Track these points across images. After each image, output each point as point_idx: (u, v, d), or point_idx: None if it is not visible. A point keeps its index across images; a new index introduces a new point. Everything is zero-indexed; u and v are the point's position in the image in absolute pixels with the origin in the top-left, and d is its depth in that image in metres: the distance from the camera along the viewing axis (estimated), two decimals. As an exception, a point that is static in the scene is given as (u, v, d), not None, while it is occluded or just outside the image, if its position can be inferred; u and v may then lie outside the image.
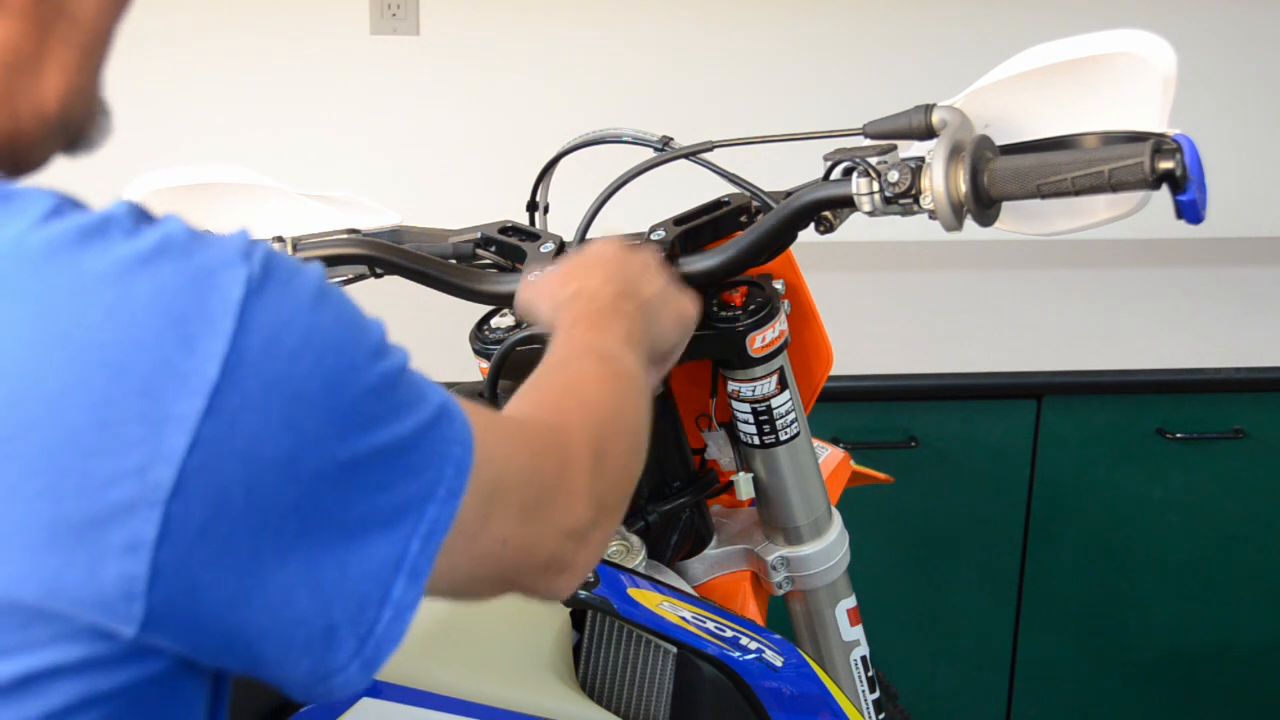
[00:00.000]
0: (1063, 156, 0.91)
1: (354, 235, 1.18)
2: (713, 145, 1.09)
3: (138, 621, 0.54)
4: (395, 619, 0.60)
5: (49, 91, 0.62)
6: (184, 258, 0.55)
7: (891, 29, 2.37)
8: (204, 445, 0.53)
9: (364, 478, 0.58)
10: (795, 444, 1.14)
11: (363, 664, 0.60)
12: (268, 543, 0.56)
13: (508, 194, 1.39)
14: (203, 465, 0.54)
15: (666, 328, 0.95)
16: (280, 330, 0.56)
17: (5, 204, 0.55)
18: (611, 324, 0.88)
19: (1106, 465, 1.95)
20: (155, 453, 0.53)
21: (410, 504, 0.60)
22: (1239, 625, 2.05)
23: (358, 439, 0.58)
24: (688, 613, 1.05)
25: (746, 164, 1.12)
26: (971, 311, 2.15)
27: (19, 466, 0.53)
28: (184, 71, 2.25)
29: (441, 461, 0.61)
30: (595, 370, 0.82)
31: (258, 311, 0.55)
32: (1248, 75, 2.45)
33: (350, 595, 0.59)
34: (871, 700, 1.24)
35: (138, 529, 0.53)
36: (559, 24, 2.32)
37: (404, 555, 0.60)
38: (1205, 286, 2.28)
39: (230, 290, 0.55)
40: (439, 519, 0.61)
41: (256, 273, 0.56)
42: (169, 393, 0.53)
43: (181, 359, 0.53)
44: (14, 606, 0.54)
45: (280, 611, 0.57)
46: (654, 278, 0.97)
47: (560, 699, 0.99)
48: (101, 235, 0.55)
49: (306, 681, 0.60)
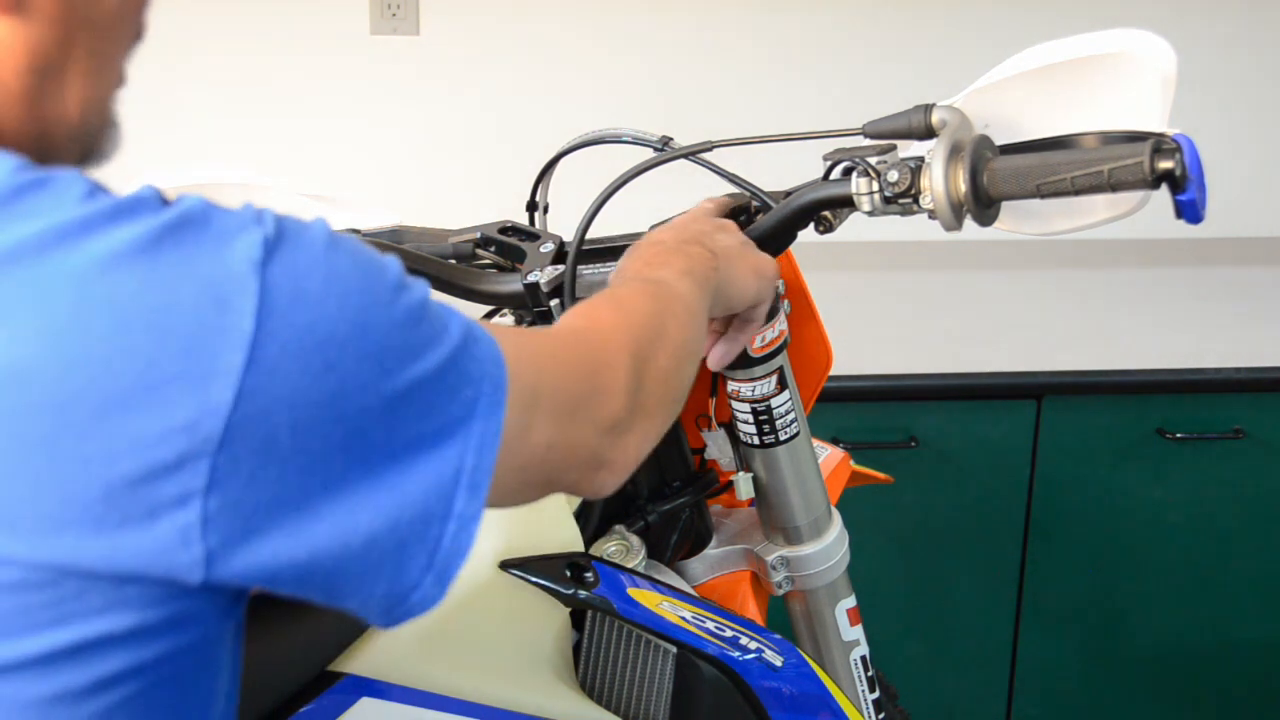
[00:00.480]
0: (1062, 156, 0.91)
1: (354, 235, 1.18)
2: (713, 145, 1.09)
3: (201, 566, 0.57)
4: (460, 530, 0.63)
5: (72, 99, 0.65)
6: (204, 226, 0.58)
7: (891, 29, 2.37)
8: (248, 397, 0.56)
9: (406, 407, 0.61)
10: (795, 444, 1.14)
11: (436, 577, 0.63)
12: (317, 479, 0.59)
13: (507, 194, 1.39)
14: (248, 416, 0.56)
15: (740, 274, 0.97)
16: (302, 280, 0.59)
17: (44, 188, 0.58)
18: (671, 260, 0.91)
19: (1106, 465, 1.95)
20: (203, 408, 0.56)
21: (455, 424, 0.63)
22: (1239, 625, 2.05)
23: (395, 372, 0.61)
24: (688, 613, 1.05)
25: (746, 164, 1.12)
26: (971, 311, 2.15)
27: (73, 436, 0.55)
28: (184, 72, 2.25)
29: (478, 380, 0.65)
30: (642, 290, 0.85)
31: (278, 266, 0.58)
32: (1248, 75, 2.45)
33: (415, 514, 0.62)
34: (871, 700, 1.24)
35: (188, 481, 0.56)
36: (559, 24, 2.32)
37: (459, 470, 0.63)
38: (1205, 286, 2.28)
39: (250, 250, 0.58)
40: (486, 433, 0.64)
41: (271, 232, 0.59)
42: (210, 350, 0.56)
43: (217, 317, 0.56)
44: (74, 573, 0.56)
45: (347, 539, 0.60)
46: (728, 234, 0.99)
47: (560, 699, 0.99)
48: (132, 213, 0.58)
49: (386, 603, 0.64)
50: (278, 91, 2.30)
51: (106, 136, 0.68)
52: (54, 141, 0.65)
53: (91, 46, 0.65)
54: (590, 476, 0.76)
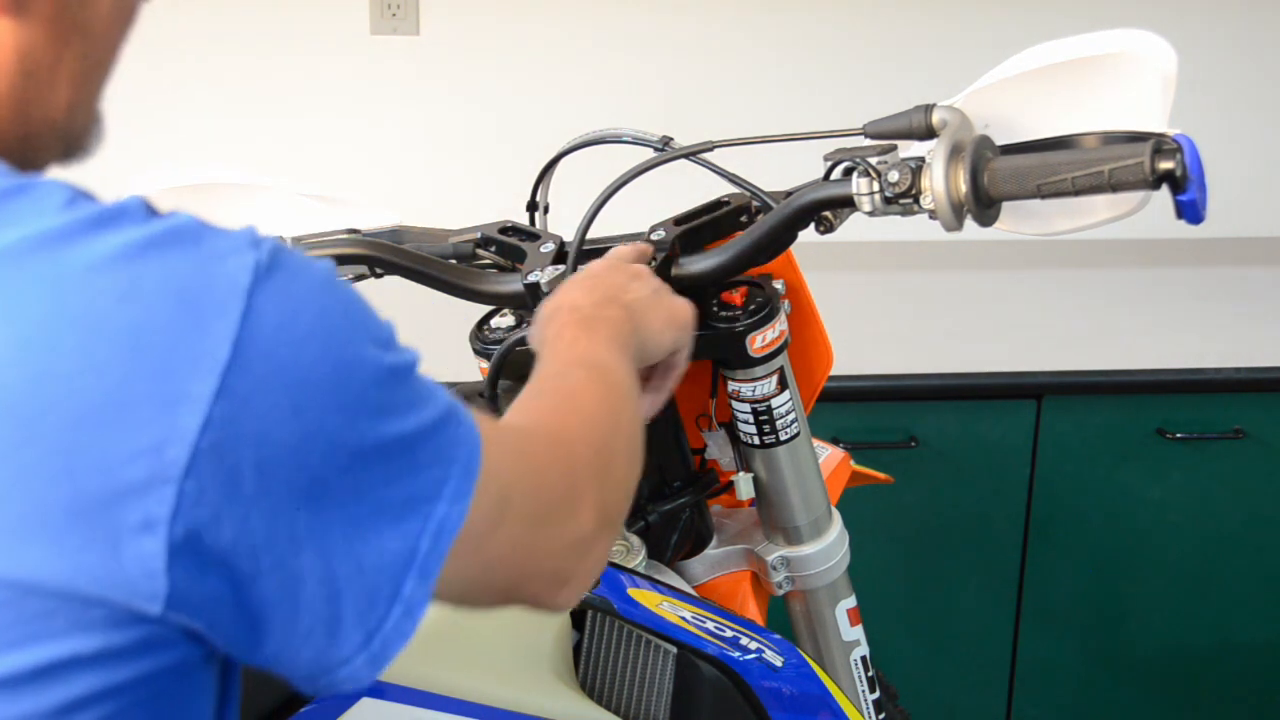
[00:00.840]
0: (1063, 156, 0.91)
1: (354, 235, 1.18)
2: (713, 145, 1.09)
3: (161, 599, 0.55)
4: (405, 616, 0.61)
5: (59, 101, 0.64)
6: (193, 244, 0.56)
7: (891, 29, 2.37)
8: (216, 425, 0.54)
9: (372, 467, 0.59)
10: (795, 444, 1.14)
11: (369, 659, 0.61)
12: (282, 527, 0.57)
13: (508, 194, 1.39)
14: (214, 445, 0.54)
15: (657, 328, 0.95)
16: (289, 317, 0.57)
17: (25, 194, 0.57)
18: (596, 329, 0.89)
19: (1106, 465, 1.95)
20: (170, 431, 0.54)
21: (418, 500, 0.61)
22: (1239, 625, 2.05)
23: (365, 428, 0.58)
24: (688, 613, 1.05)
25: (746, 164, 1.12)
26: (971, 311, 2.15)
27: (38, 448, 0.53)
28: (184, 71, 2.25)
29: (449, 462, 0.62)
30: (589, 381, 0.82)
31: (266, 297, 0.56)
32: (1248, 75, 2.45)
33: (361, 587, 0.59)
34: (871, 700, 1.24)
35: (153, 507, 0.54)
36: (559, 24, 2.32)
37: (414, 552, 0.60)
38: (1205, 286, 2.28)
39: (239, 275, 0.56)
40: (447, 519, 0.61)
41: (264, 260, 0.57)
42: (182, 372, 0.54)
43: (193, 340, 0.54)
44: (37, 591, 0.54)
45: (291, 594, 0.58)
46: (641, 283, 0.97)
47: (560, 699, 0.99)
48: (115, 223, 0.56)
49: (310, 671, 0.61)
50: (278, 91, 2.30)
51: (91, 135, 0.68)
52: (38, 140, 0.64)
53: (83, 51, 0.64)
54: (554, 592, 0.72)
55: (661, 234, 1.08)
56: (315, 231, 1.19)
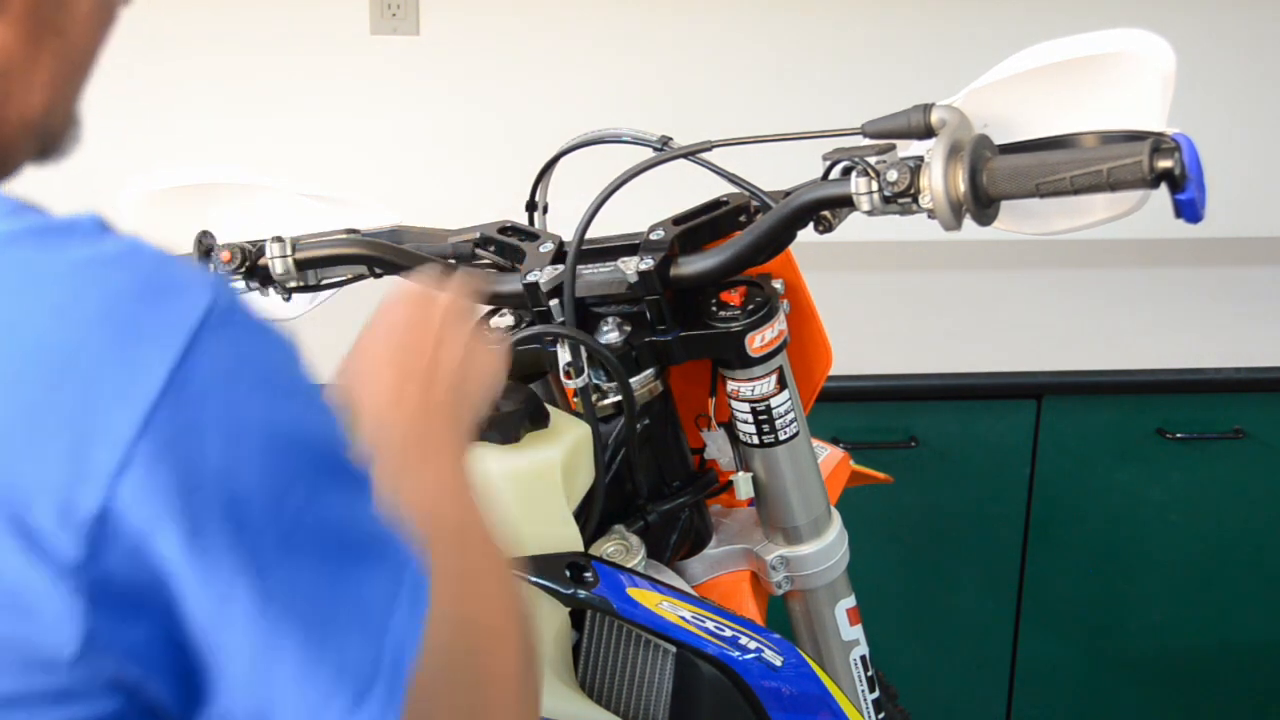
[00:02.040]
0: (1061, 156, 0.91)
1: (353, 235, 1.18)
2: (712, 145, 1.09)
3: (77, 641, 0.51)
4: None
5: (35, 102, 0.63)
6: (144, 272, 0.53)
7: (890, 28, 2.37)
8: (137, 464, 0.50)
9: (297, 550, 0.54)
10: (794, 444, 1.14)
11: None
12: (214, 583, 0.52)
13: (507, 194, 1.39)
14: (130, 491, 0.50)
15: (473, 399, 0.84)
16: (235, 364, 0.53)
17: None
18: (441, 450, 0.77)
19: (1106, 465, 1.95)
20: (79, 473, 0.50)
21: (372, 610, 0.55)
22: (1239, 625, 2.05)
23: (301, 497, 0.54)
24: (687, 612, 1.05)
25: (746, 164, 1.12)
26: (971, 311, 2.15)
27: None
28: (183, 71, 2.25)
29: (400, 567, 0.58)
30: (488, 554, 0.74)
31: (215, 341, 0.52)
32: (1248, 75, 2.45)
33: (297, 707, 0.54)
34: (871, 700, 1.24)
35: (62, 550, 0.50)
36: (559, 24, 2.32)
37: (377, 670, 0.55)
38: (1205, 286, 2.27)
39: (187, 313, 0.52)
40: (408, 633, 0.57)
41: (222, 306, 0.53)
42: (103, 404, 0.50)
43: (122, 374, 0.51)
44: None
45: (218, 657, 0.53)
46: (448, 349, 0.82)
47: (560, 699, 0.99)
48: (62, 236, 0.54)
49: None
50: (278, 91, 2.30)
51: (67, 136, 0.66)
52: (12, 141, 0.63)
53: (60, 52, 0.63)
54: None
55: (660, 234, 1.08)
56: (314, 231, 1.19)
